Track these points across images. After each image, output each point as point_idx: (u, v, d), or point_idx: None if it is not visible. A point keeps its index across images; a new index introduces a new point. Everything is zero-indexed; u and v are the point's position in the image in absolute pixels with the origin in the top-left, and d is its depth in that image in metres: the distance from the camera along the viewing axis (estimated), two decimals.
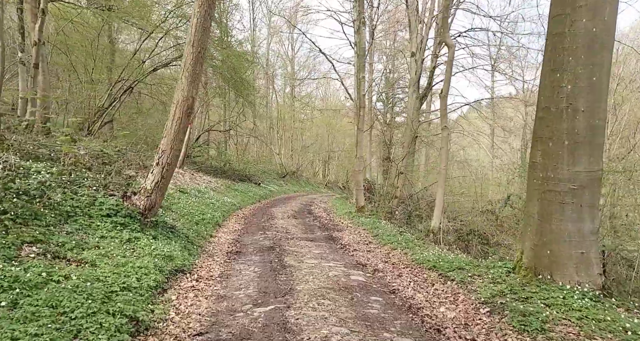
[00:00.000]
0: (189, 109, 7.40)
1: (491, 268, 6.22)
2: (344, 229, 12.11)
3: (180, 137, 7.39)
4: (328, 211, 16.99)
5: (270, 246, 8.98)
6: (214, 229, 10.48)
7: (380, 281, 6.60)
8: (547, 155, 5.38)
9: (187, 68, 7.31)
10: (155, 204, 7.31)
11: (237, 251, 8.55)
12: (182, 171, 17.55)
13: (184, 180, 15.60)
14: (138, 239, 6.34)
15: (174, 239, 7.32)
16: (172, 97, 21.64)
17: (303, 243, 9.59)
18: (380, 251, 8.95)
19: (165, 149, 7.32)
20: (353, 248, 9.33)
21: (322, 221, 13.87)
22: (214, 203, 13.16)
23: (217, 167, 22.35)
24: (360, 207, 14.24)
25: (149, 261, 5.63)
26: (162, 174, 7.29)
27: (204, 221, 10.39)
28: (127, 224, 6.60)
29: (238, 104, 25.08)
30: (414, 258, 7.80)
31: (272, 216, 14.33)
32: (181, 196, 11.87)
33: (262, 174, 28.55)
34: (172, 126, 7.34)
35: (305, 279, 6.34)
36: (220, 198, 15.19)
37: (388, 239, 9.79)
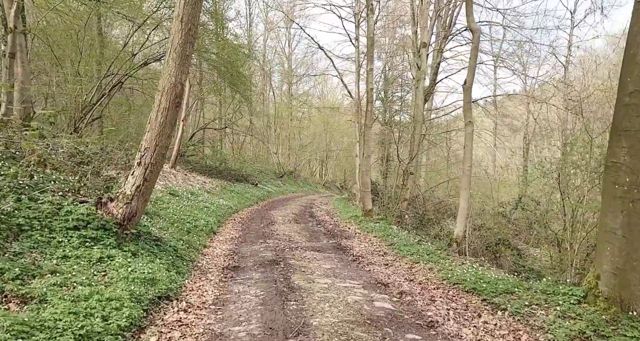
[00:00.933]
0: (177, 98, 6.10)
1: (551, 294, 4.97)
2: (352, 236, 10.85)
3: (166, 132, 6.09)
4: (331, 215, 15.71)
5: (273, 259, 7.69)
6: (208, 238, 9.18)
7: (411, 308, 5.34)
8: (636, 153, 4.14)
9: (175, 48, 6.01)
10: (137, 213, 6.00)
11: (234, 266, 7.26)
12: (174, 171, 16.22)
13: (176, 181, 14.27)
14: (112, 257, 5.04)
15: (159, 255, 6.01)
16: None
17: (310, 254, 8.31)
18: (400, 266, 7.69)
19: (149, 147, 6.01)
20: (367, 260, 8.07)
21: (327, 226, 12.60)
22: (208, 207, 11.85)
23: (213, 167, 21.02)
24: (368, 210, 12.99)
25: (124, 289, 4.34)
26: (144, 176, 5.99)
27: (197, 228, 9.09)
28: (100, 239, 5.29)
29: (234, 101, 23.75)
30: (445, 277, 6.54)
31: (272, 220, 13.03)
32: (171, 200, 10.55)
33: (260, 174, 27.25)
34: (157, 118, 6.04)
35: (321, 308, 5.06)
36: (216, 200, 13.88)
37: (407, 250, 8.53)
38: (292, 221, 13.07)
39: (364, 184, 13.13)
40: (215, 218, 11.15)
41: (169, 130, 6.14)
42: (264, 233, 10.59)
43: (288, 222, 12.85)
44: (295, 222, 13.02)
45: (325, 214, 15.95)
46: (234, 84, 18.37)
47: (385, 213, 13.26)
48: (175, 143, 16.83)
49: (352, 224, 12.75)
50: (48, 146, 6.93)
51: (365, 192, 13.06)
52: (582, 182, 10.62)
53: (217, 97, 26.60)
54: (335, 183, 47.02)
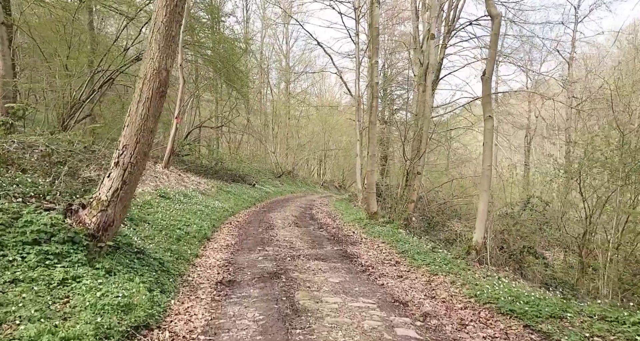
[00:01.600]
0: (161, 87, 5.16)
1: (614, 323, 4.07)
2: (358, 241, 9.93)
3: (149, 127, 5.15)
4: (333, 217, 14.80)
5: (273, 271, 6.77)
6: (200, 246, 8.24)
7: (439, 336, 4.42)
8: None
9: (158, 28, 5.07)
10: (114, 221, 5.06)
11: (230, 280, 6.33)
12: (167, 172, 15.26)
13: (169, 182, 13.32)
14: (79, 278, 4.11)
15: (140, 271, 5.08)
16: None
17: (314, 265, 7.39)
18: (417, 278, 6.77)
19: (128, 144, 5.07)
20: (379, 271, 7.15)
21: (330, 230, 11.68)
22: (202, 210, 10.91)
23: (208, 167, 20.06)
24: (373, 213, 12.08)
25: (89, 321, 3.42)
26: (123, 178, 5.05)
27: (189, 235, 8.15)
28: (66, 255, 4.36)
29: (231, 98, 22.78)
30: (472, 293, 5.63)
31: (270, 224, 12.10)
32: (161, 203, 9.61)
33: (257, 174, 26.30)
34: (137, 110, 5.10)
35: (333, 338, 4.14)
36: (211, 202, 12.93)
37: (421, 259, 7.63)
38: (292, 225, 12.14)
39: (369, 185, 12.23)
40: (210, 222, 10.21)
41: (152, 124, 5.20)
42: (263, 239, 9.66)
43: (288, 226, 11.92)
44: (295, 225, 12.10)
45: (326, 216, 15.03)
46: (230, 79, 17.41)
47: (390, 215, 12.35)
48: (168, 142, 15.87)
49: (357, 228, 11.84)
50: (13, 142, 5.98)
51: (370, 193, 12.15)
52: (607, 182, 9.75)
53: (213, 94, 25.63)
54: (333, 183, 46.10)
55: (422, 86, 22.76)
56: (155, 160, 16.46)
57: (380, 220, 11.94)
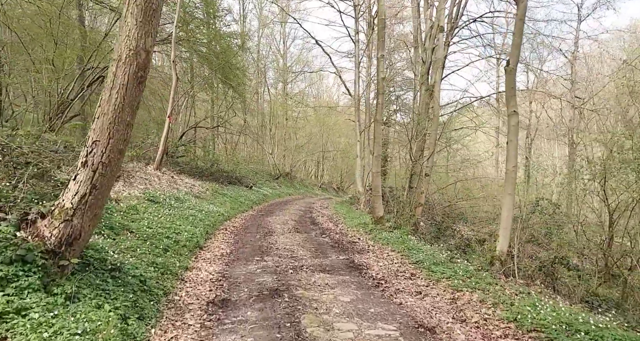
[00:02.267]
0: (139, 71, 4.23)
1: None
2: (365, 249, 9.01)
3: (125, 119, 4.22)
4: (335, 221, 13.87)
5: (274, 288, 5.84)
6: (191, 257, 7.30)
7: None
8: None
9: None
10: (82, 233, 4.12)
11: (223, 299, 5.39)
12: (159, 174, 14.30)
13: (160, 185, 12.36)
14: (26, 310, 3.17)
15: (113, 294, 4.15)
16: (153, 89, 18.09)
17: (319, 278, 6.47)
18: (439, 295, 5.86)
19: (99, 140, 4.14)
20: (394, 286, 6.24)
21: (333, 235, 10.76)
22: (195, 215, 9.95)
23: (203, 169, 19.10)
24: (379, 218, 11.17)
25: None
26: (93, 181, 4.11)
27: (178, 244, 7.21)
28: (13, 278, 3.42)
29: (227, 98, 21.84)
30: (511, 317, 4.72)
31: (269, 229, 11.16)
32: (149, 208, 8.64)
33: (254, 175, 25.35)
34: (110, 99, 4.17)
35: None
36: (205, 206, 11.98)
37: (440, 271, 6.72)
38: (292, 231, 11.21)
39: (374, 188, 11.32)
40: (203, 228, 9.26)
41: (128, 116, 4.26)
42: (261, 247, 8.72)
43: (288, 232, 10.98)
44: (296, 231, 11.17)
45: (328, 220, 14.10)
46: (226, 77, 16.47)
47: (397, 220, 11.45)
48: (160, 142, 14.91)
49: (362, 233, 10.92)
50: None
51: (375, 196, 11.24)
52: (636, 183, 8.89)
53: (209, 94, 24.69)
54: (331, 185, 45.20)
55: (425, 85, 21.91)
56: (147, 161, 15.50)
57: (386, 225, 11.03)
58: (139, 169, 13.42)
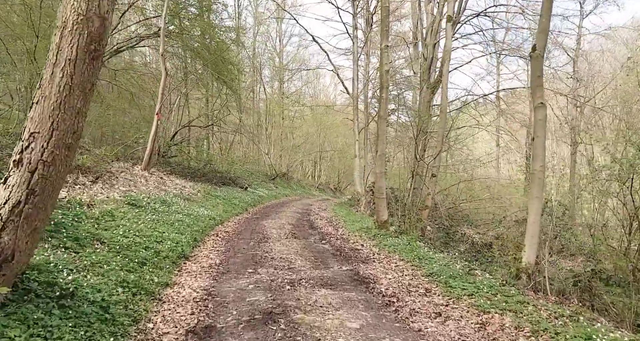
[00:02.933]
0: (92, 43, 3.26)
1: None
2: (370, 258, 8.05)
3: (74, 105, 3.25)
4: (334, 224, 12.91)
5: (268, 311, 4.87)
6: (174, 269, 6.32)
7: None
8: None
9: None
10: (14, 254, 3.14)
11: (207, 325, 4.42)
12: (147, 174, 13.30)
13: (146, 187, 11.36)
14: None
15: (58, 331, 3.16)
16: (143, 86, 17.07)
17: (321, 296, 5.51)
18: (463, 318, 4.91)
19: (39, 131, 3.17)
20: (408, 305, 5.28)
21: (334, 241, 9.80)
22: (182, 220, 8.97)
23: (196, 169, 18.11)
24: (383, 222, 10.23)
25: None
26: (30, 185, 3.14)
27: (159, 256, 6.23)
28: None
29: (221, 95, 20.83)
30: None
31: (264, 234, 10.19)
32: (128, 213, 7.65)
33: (250, 176, 24.35)
34: (53, 78, 3.20)
35: None
36: (195, 209, 11.00)
37: (459, 286, 5.77)
38: (289, 236, 10.24)
39: (377, 189, 10.36)
40: (190, 235, 8.28)
41: (79, 101, 3.29)
42: (255, 256, 7.74)
43: (284, 237, 10.01)
44: (293, 236, 10.20)
45: (327, 224, 13.15)
46: (219, 72, 15.48)
47: (401, 224, 10.51)
48: (149, 141, 13.91)
49: (365, 239, 9.96)
50: None
51: (379, 199, 10.29)
52: None
53: (203, 92, 23.68)
54: (328, 185, 44.26)
55: (427, 82, 20.98)
56: (135, 161, 14.50)
57: (391, 230, 10.09)
58: (125, 169, 12.42)
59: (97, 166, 9.60)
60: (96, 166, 9.42)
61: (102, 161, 10.37)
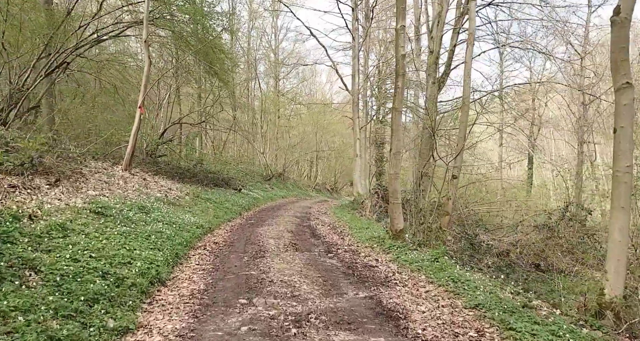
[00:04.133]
0: None
1: None
2: (391, 279, 6.47)
3: None
4: (339, 232, 11.33)
5: None
6: (143, 303, 4.70)
7: None
8: None
9: None
10: None
11: None
12: (128, 175, 11.65)
13: (124, 190, 9.71)
14: None
15: None
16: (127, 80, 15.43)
17: None
18: None
19: None
20: None
21: (342, 255, 8.21)
22: (161, 231, 7.34)
23: (185, 169, 16.45)
24: (398, 231, 8.66)
25: None
26: None
27: (122, 285, 4.61)
28: None
29: (214, 89, 19.18)
30: None
31: (260, 246, 8.57)
32: (90, 225, 6.00)
33: (244, 176, 22.69)
34: None
35: None
36: (180, 216, 9.38)
37: (525, 330, 4.20)
38: (289, 247, 8.64)
39: (392, 193, 8.78)
40: (170, 250, 6.67)
41: None
42: (249, 279, 6.13)
43: (284, 249, 8.41)
44: (294, 248, 8.60)
45: (330, 231, 11.56)
46: (210, 61, 13.83)
47: (417, 231, 8.95)
48: (130, 137, 12.24)
49: (378, 252, 8.39)
50: None
51: (394, 204, 8.71)
52: None
53: (194, 87, 22.00)
54: (325, 186, 42.66)
55: (433, 77, 19.43)
56: (116, 161, 12.83)
57: (408, 241, 8.53)
58: (102, 170, 10.76)
59: (61, 165, 7.94)
60: (59, 166, 7.76)
61: (68, 160, 8.72)
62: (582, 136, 26.31)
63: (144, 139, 17.99)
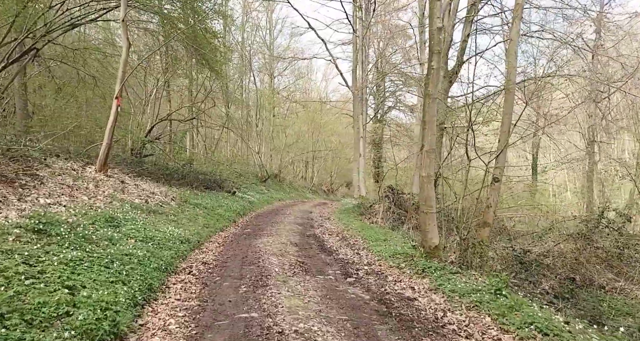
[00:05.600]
0: None
1: None
2: (444, 323, 4.63)
3: None
4: (352, 244, 9.48)
5: None
6: None
7: None
8: None
9: None
10: None
11: None
12: (102, 177, 9.69)
13: (92, 196, 7.78)
14: None
15: None
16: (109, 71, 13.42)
17: None
18: None
19: None
20: None
21: (365, 279, 6.36)
22: (131, 253, 5.41)
23: (173, 170, 14.52)
24: (433, 247, 6.83)
25: None
26: None
27: None
28: None
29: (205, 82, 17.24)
30: None
31: (260, 268, 6.68)
32: (15, 253, 4.07)
33: (238, 178, 20.76)
34: None
35: None
36: (160, 228, 7.46)
37: None
38: (297, 269, 6.77)
39: (425, 200, 6.94)
40: (141, 282, 4.78)
41: None
42: (249, 330, 4.22)
43: (291, 272, 6.53)
44: (302, 270, 6.74)
45: (341, 242, 9.70)
46: (199, 44, 11.92)
47: (452, 247, 7.14)
48: (105, 133, 10.28)
49: (410, 274, 6.55)
50: None
51: (427, 214, 6.88)
52: None
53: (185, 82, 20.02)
54: (321, 186, 40.77)
55: (443, 70, 17.79)
56: (91, 160, 10.85)
57: (445, 259, 6.70)
58: (69, 171, 8.80)
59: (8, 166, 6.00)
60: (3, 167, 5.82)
61: (23, 160, 6.78)
62: (593, 134, 24.77)
63: (128, 137, 16.03)
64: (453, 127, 12.22)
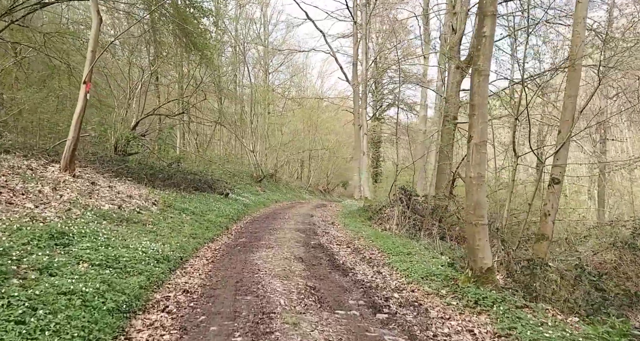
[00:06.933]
0: None
1: None
2: None
3: None
4: (368, 259, 7.77)
5: None
6: None
7: None
8: None
9: None
10: None
11: None
12: (67, 178, 7.89)
13: (45, 202, 6.00)
14: None
15: None
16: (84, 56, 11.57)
17: None
18: None
19: None
20: None
21: (401, 316, 4.67)
22: (71, 292, 3.65)
23: (157, 170, 12.73)
24: (485, 270, 5.16)
25: None
26: None
27: None
28: None
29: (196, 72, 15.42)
30: None
31: (260, 299, 4.95)
32: None
33: (231, 178, 18.96)
34: None
35: None
36: (132, 243, 5.71)
37: None
38: (308, 300, 5.06)
39: (474, 208, 5.25)
40: (84, 335, 3.02)
41: None
42: None
43: (301, 306, 4.82)
44: (316, 301, 5.04)
45: (354, 255, 8.00)
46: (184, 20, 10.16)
47: (509, 269, 5.48)
48: (71, 126, 8.47)
49: (458, 306, 4.87)
50: None
51: (478, 226, 5.19)
52: None
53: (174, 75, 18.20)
54: (317, 186, 39.03)
55: (456, 60, 16.23)
56: (57, 158, 9.03)
57: (503, 288, 5.03)
58: (21, 170, 7.00)
59: None
60: None
61: None
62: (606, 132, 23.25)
63: (111, 133, 14.21)
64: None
